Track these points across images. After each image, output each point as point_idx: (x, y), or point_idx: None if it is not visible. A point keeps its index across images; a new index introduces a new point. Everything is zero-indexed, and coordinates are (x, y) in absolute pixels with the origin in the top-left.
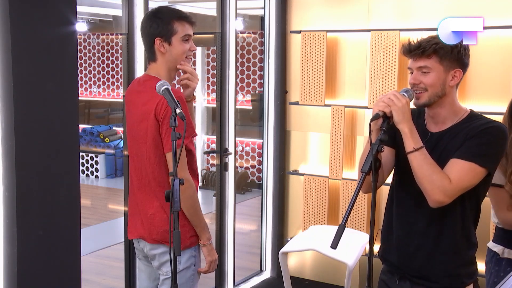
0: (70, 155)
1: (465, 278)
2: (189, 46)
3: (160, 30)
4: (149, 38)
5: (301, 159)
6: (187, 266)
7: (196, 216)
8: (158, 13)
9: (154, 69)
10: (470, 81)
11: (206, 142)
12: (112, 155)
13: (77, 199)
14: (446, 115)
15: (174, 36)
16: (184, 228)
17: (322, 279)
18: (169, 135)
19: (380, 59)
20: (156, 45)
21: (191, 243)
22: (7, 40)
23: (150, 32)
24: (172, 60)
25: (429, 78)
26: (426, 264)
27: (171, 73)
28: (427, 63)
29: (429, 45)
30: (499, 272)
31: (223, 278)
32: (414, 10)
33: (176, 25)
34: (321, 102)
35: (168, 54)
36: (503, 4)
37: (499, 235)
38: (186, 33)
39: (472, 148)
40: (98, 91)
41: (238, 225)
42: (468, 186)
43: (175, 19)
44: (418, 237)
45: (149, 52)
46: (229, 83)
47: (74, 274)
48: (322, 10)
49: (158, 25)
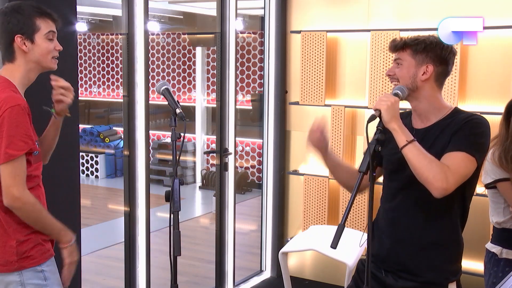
0: (70, 155)
1: (449, 274)
2: (54, 44)
3: (21, 27)
4: (6, 35)
5: (301, 159)
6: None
7: (45, 226)
8: (18, 8)
9: (9, 70)
10: (470, 81)
11: (206, 142)
12: (112, 155)
13: (77, 199)
14: (427, 110)
15: (37, 34)
16: (8, 249)
17: (322, 279)
18: (4, 144)
19: (380, 59)
20: (17, 43)
21: (21, 265)
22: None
23: (9, 28)
24: (35, 60)
25: (400, 70)
26: (411, 258)
27: (31, 74)
28: (401, 55)
29: (408, 40)
30: (497, 272)
31: (223, 278)
32: (414, 10)
33: (39, 21)
34: (321, 102)
35: (31, 54)
36: (503, 4)
37: (497, 235)
38: (50, 29)
39: (460, 140)
40: (98, 91)
41: (238, 225)
42: (466, 174)
43: (37, 15)
44: (404, 230)
45: (7, 51)
46: (229, 83)
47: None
48: (322, 10)
49: (19, 21)
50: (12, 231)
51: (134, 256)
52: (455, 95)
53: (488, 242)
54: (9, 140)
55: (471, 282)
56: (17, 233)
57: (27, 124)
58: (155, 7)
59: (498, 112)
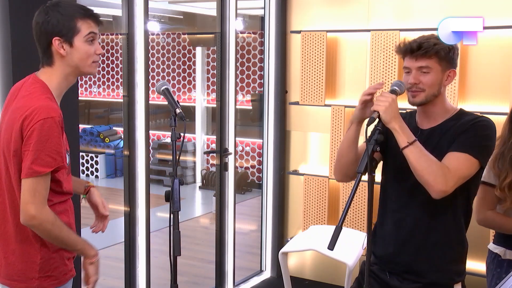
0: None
1: (454, 275)
2: (95, 48)
3: (60, 28)
4: (45, 36)
5: (301, 159)
6: None
7: (68, 243)
8: (59, 7)
9: (47, 74)
10: (470, 81)
11: (206, 142)
12: (112, 155)
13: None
14: (438, 112)
15: (77, 36)
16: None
17: (322, 279)
18: (30, 158)
19: (380, 59)
20: (55, 46)
21: (41, 284)
22: (7, 40)
23: (48, 29)
24: (73, 64)
25: (429, 78)
26: (416, 259)
27: (69, 79)
28: (428, 63)
29: (430, 45)
30: (501, 273)
31: (223, 278)
32: (414, 10)
33: (80, 22)
34: (321, 102)
35: (69, 58)
36: (503, 4)
37: (499, 236)
38: (91, 30)
39: (465, 141)
40: (98, 91)
41: (238, 225)
42: (465, 175)
43: (79, 16)
44: (408, 231)
45: (44, 54)
46: (229, 83)
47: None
48: (322, 10)
49: (58, 22)
50: (39, 246)
51: (134, 256)
52: (455, 95)
53: (490, 242)
54: (36, 155)
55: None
56: (44, 249)
57: (58, 139)
58: (155, 7)
59: (498, 112)
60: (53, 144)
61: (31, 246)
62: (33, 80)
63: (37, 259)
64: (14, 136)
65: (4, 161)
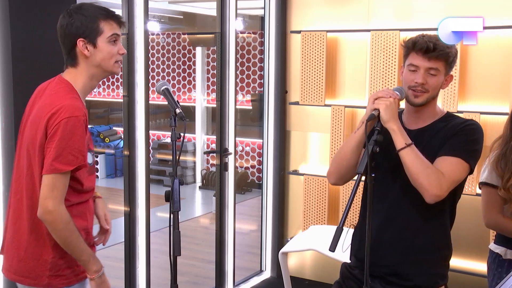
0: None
1: (439, 278)
2: (118, 48)
3: (84, 30)
4: (69, 38)
5: (301, 159)
6: None
7: (74, 249)
8: (82, 10)
9: (72, 74)
10: (470, 81)
11: (206, 142)
12: (112, 155)
13: None
14: (429, 113)
15: (100, 37)
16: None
17: (322, 279)
18: (52, 155)
19: (380, 59)
20: (79, 47)
21: (50, 283)
22: (7, 40)
23: (72, 31)
24: (97, 65)
25: (435, 81)
26: (402, 261)
27: (93, 80)
28: (438, 65)
29: (444, 48)
30: (502, 273)
31: (223, 278)
32: (414, 10)
33: (103, 24)
34: (321, 102)
35: (93, 58)
36: (503, 4)
37: (500, 236)
38: (113, 32)
39: (456, 145)
40: (98, 91)
41: (238, 225)
42: (458, 180)
43: (102, 18)
44: (396, 232)
45: (69, 55)
46: (229, 83)
47: None
48: (322, 10)
49: (82, 23)
50: (52, 245)
51: (134, 256)
52: (455, 95)
53: (491, 242)
54: (58, 153)
55: (472, 282)
56: (57, 248)
57: (81, 138)
58: (155, 7)
59: (498, 112)
60: (76, 142)
61: (44, 245)
62: (59, 80)
63: (49, 257)
64: (39, 133)
65: (27, 157)
